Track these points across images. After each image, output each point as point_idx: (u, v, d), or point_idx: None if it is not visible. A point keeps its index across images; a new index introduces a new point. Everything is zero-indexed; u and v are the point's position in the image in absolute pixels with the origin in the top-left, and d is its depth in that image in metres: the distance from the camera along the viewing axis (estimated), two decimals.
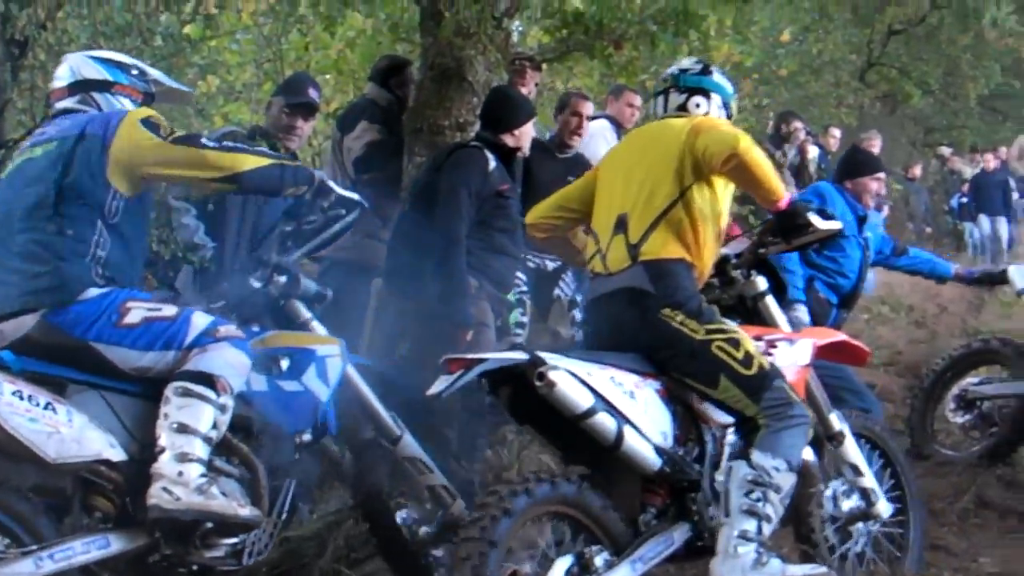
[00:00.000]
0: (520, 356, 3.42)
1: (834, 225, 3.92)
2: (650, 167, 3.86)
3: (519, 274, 5.50)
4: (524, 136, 5.32)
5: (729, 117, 4.16)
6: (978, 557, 4.70)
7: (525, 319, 5.66)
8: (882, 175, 6.22)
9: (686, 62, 4.27)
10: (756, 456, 3.54)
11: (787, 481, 3.57)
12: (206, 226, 5.13)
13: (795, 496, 3.70)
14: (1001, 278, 6.55)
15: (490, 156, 5.13)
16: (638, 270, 3.73)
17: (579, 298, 6.13)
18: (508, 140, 5.25)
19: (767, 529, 3.50)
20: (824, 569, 3.69)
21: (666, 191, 3.79)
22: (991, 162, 15.75)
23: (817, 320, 5.70)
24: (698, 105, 4.07)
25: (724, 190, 3.92)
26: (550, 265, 6.21)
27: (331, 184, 4.00)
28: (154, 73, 4.17)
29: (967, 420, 6.20)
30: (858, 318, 9.23)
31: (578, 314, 6.13)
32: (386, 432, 4.12)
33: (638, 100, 7.54)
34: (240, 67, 11.83)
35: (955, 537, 5.06)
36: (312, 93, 5.64)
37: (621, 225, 3.83)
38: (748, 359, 3.63)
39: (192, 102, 10.73)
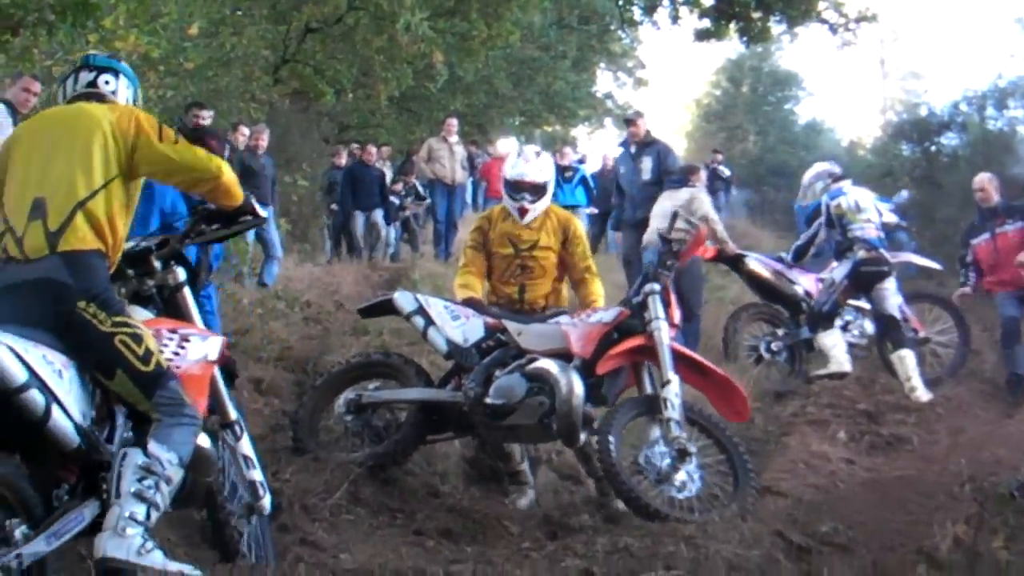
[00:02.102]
0: None
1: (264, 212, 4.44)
2: (72, 153, 3.86)
3: None
4: None
5: (134, 93, 4.38)
6: (340, 553, 4.80)
7: None
8: None
9: (92, 50, 4.45)
10: (153, 446, 3.67)
11: (177, 475, 3.74)
12: None
13: (199, 488, 4.05)
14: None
15: None
16: (56, 261, 3.71)
17: None
18: None
19: (154, 516, 3.63)
20: (198, 573, 3.71)
21: (88, 180, 3.82)
22: (371, 155, 15.95)
23: None
24: (107, 82, 4.23)
25: (141, 184, 4.11)
26: None
27: None
28: None
29: (354, 423, 6.32)
30: (252, 312, 9.30)
31: None
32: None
33: (36, 86, 7.13)
34: None
35: (325, 532, 5.15)
36: None
37: (38, 210, 3.76)
38: (148, 356, 3.76)
39: None
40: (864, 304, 9.56)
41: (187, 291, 4.27)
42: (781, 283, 9.48)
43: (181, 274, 4.27)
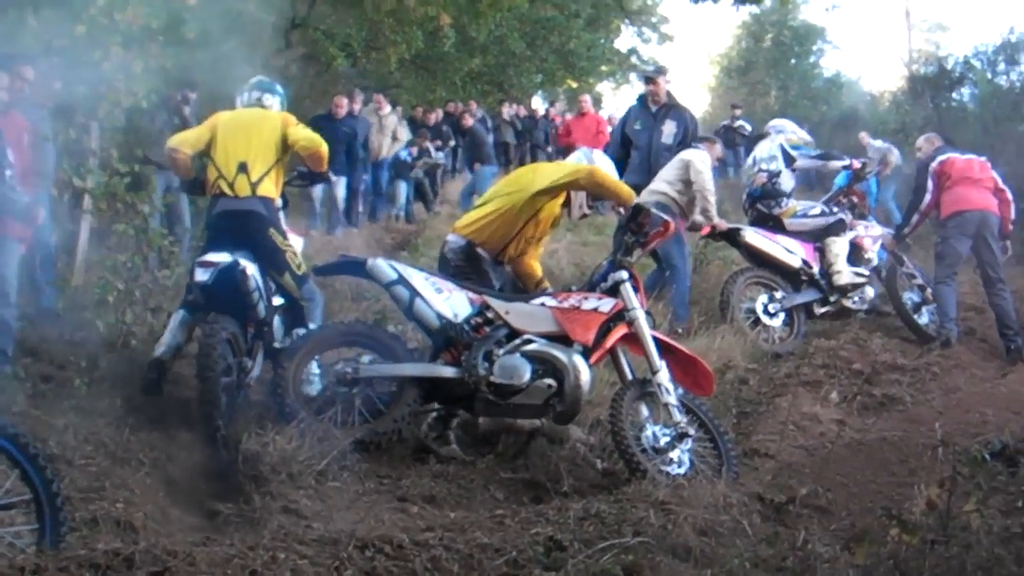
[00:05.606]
0: None
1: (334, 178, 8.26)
2: (261, 138, 6.61)
3: None
4: None
5: (282, 104, 7.10)
6: (315, 522, 4.82)
7: None
8: None
9: (261, 76, 7.18)
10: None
11: None
12: None
13: None
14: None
15: None
16: (256, 200, 6.47)
17: None
18: None
19: None
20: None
21: (271, 155, 6.61)
22: (340, 107, 14.17)
23: None
24: (267, 99, 6.96)
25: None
26: None
27: None
28: None
29: (345, 395, 6.13)
30: None
31: None
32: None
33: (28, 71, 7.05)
34: None
35: (309, 500, 5.18)
36: None
37: (242, 168, 6.47)
38: (299, 264, 6.74)
39: None
40: (864, 271, 9.65)
41: None
42: (779, 254, 9.47)
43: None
